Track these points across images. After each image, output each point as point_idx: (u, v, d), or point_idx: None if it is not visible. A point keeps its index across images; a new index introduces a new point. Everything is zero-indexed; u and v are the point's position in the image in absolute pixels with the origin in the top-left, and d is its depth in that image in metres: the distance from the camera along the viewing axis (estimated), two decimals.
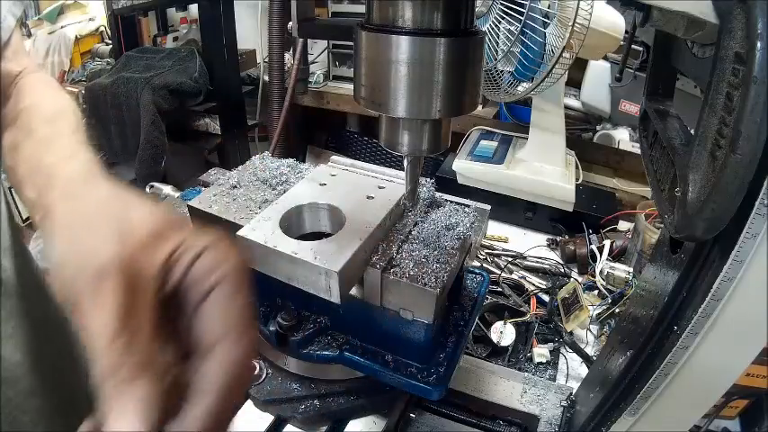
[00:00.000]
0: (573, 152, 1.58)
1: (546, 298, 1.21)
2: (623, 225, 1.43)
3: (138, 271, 0.31)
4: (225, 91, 2.22)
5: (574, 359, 1.04)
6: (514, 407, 0.83)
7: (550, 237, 1.45)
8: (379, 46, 0.47)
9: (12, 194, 0.63)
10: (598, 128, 1.93)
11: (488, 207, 0.77)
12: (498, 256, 1.36)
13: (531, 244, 1.41)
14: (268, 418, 0.76)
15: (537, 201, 1.47)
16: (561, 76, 1.22)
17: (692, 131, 0.44)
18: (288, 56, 2.13)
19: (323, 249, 0.57)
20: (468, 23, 0.49)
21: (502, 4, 1.15)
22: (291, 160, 0.81)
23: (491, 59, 1.25)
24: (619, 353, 0.64)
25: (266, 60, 2.20)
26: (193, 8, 2.49)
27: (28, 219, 2.39)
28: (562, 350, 1.06)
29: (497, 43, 1.21)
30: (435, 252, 0.62)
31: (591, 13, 1.09)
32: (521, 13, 1.13)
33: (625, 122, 1.88)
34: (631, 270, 1.21)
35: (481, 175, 1.49)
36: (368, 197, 0.68)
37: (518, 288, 1.25)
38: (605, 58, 1.75)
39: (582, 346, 1.06)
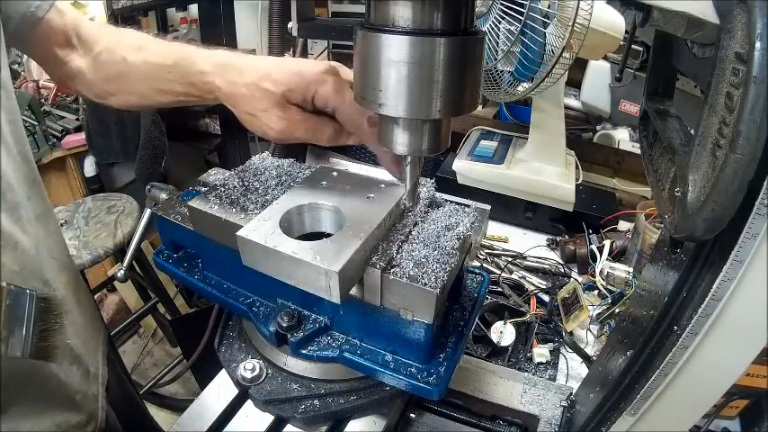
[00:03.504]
0: (573, 152, 1.58)
1: (546, 298, 1.21)
2: (623, 225, 1.43)
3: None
4: None
5: (574, 359, 1.04)
6: (514, 407, 0.83)
7: (550, 237, 1.46)
8: (380, 46, 0.47)
9: None
10: (598, 128, 1.93)
11: (488, 207, 0.77)
12: (498, 256, 1.36)
13: (531, 244, 1.42)
14: (268, 419, 0.76)
15: (537, 201, 1.47)
16: (561, 76, 1.22)
17: (692, 131, 0.44)
18: (288, 56, 2.13)
19: (323, 249, 0.57)
20: (467, 23, 0.49)
21: (502, 4, 1.15)
22: (291, 160, 0.81)
23: (491, 59, 1.25)
24: (619, 353, 0.64)
25: None
26: (193, 8, 2.49)
27: None
28: (562, 350, 1.06)
29: (497, 43, 1.21)
30: (435, 252, 0.62)
31: (591, 13, 1.09)
32: (521, 13, 1.13)
33: (625, 122, 1.88)
34: (631, 270, 1.21)
35: (481, 175, 1.49)
36: (368, 197, 0.68)
37: (518, 288, 1.25)
38: (605, 58, 1.76)
39: (582, 346, 1.06)
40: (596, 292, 1.21)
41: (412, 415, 0.81)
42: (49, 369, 0.65)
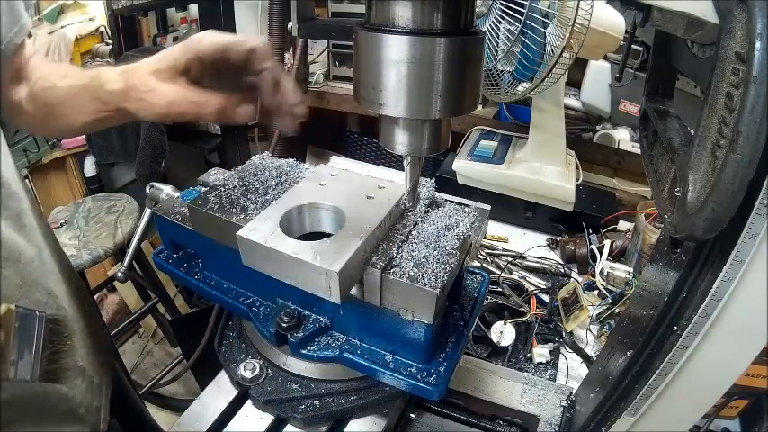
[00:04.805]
0: (573, 152, 1.58)
1: (546, 298, 1.21)
2: (623, 225, 1.43)
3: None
4: None
5: (574, 359, 1.04)
6: (514, 407, 0.83)
7: (550, 237, 1.45)
8: (380, 46, 0.47)
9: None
10: (598, 128, 1.92)
11: (488, 207, 0.77)
12: (498, 256, 1.36)
13: (531, 244, 1.42)
14: (268, 419, 0.76)
15: (537, 201, 1.47)
16: (561, 76, 1.22)
17: (692, 131, 0.44)
18: (288, 56, 2.13)
19: (323, 249, 0.57)
20: (467, 23, 0.49)
21: (502, 4, 1.15)
22: (291, 160, 0.81)
23: (491, 59, 1.25)
24: (619, 353, 0.64)
25: None
26: (193, 8, 2.49)
27: None
28: (562, 350, 1.06)
29: (497, 43, 1.21)
30: (435, 252, 0.62)
31: (591, 13, 1.09)
32: (521, 13, 1.13)
33: (625, 122, 1.88)
34: (631, 270, 1.21)
35: (481, 175, 1.49)
36: (368, 197, 0.68)
37: (518, 288, 1.25)
38: (605, 58, 1.75)
39: (582, 346, 1.06)
40: (596, 292, 1.21)
41: (412, 415, 0.80)
42: (51, 384, 0.64)
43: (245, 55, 0.63)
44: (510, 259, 1.34)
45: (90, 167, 2.58)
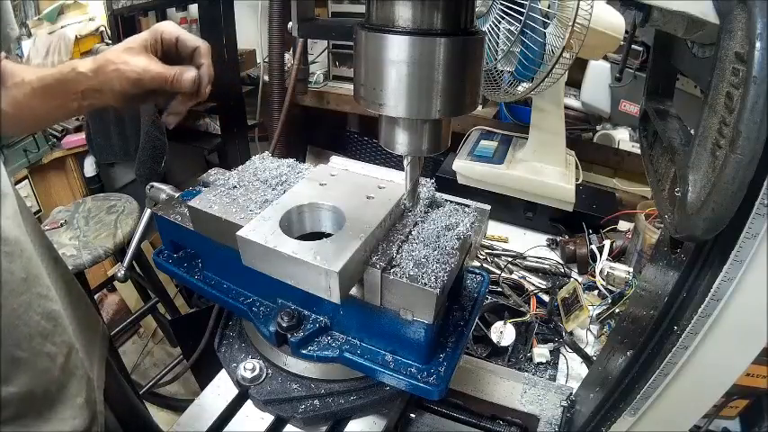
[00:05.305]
0: (573, 152, 1.58)
1: (546, 298, 1.21)
2: (623, 225, 1.43)
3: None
4: (225, 91, 2.22)
5: (574, 359, 1.04)
6: (514, 407, 0.83)
7: (550, 237, 1.45)
8: (380, 46, 0.47)
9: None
10: (598, 128, 1.92)
11: (488, 207, 0.77)
12: (498, 256, 1.36)
13: (531, 244, 1.42)
14: (268, 419, 0.76)
15: (537, 201, 1.47)
16: (561, 76, 1.22)
17: (692, 131, 0.44)
18: (288, 56, 2.13)
19: (323, 249, 0.57)
20: (467, 23, 0.49)
21: (502, 4, 1.15)
22: (291, 160, 0.82)
23: (491, 59, 1.25)
24: (619, 353, 0.64)
25: (266, 60, 2.20)
26: (193, 8, 2.49)
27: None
28: (562, 350, 1.06)
29: (497, 43, 1.21)
30: (435, 252, 0.62)
31: (591, 13, 1.09)
32: (521, 13, 1.13)
33: (625, 122, 1.88)
34: (631, 270, 1.21)
35: (481, 175, 1.49)
36: (368, 197, 0.68)
37: (518, 288, 1.25)
38: (605, 58, 1.75)
39: (582, 346, 1.06)
40: (596, 292, 1.21)
41: (412, 415, 0.81)
42: (52, 374, 0.65)
43: (191, 51, 0.75)
44: (510, 259, 1.34)
45: (90, 167, 2.58)
